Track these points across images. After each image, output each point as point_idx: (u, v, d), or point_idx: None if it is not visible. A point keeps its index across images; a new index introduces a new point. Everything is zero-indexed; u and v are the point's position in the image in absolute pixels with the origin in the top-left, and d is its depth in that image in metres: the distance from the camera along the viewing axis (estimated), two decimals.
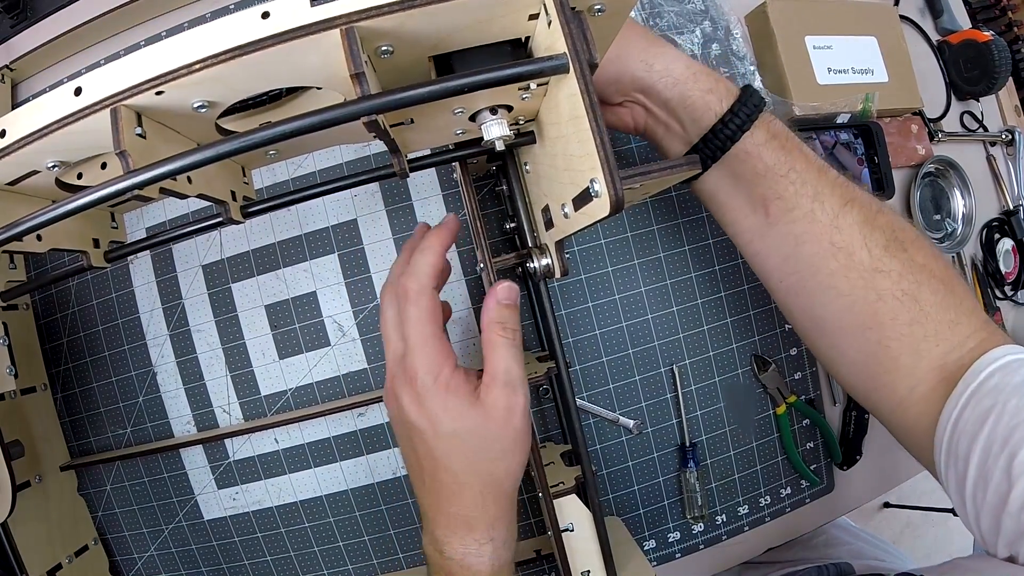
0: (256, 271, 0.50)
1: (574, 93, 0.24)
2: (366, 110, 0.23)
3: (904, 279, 0.37)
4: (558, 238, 0.34)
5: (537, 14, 0.25)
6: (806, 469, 0.54)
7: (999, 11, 0.74)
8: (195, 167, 0.24)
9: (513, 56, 0.28)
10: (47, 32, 0.52)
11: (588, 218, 0.26)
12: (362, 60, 0.23)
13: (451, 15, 0.24)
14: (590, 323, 0.51)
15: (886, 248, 0.37)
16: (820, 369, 0.56)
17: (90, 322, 0.52)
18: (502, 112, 0.29)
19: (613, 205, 0.23)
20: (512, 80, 0.24)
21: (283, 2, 0.23)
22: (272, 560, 0.51)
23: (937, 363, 0.36)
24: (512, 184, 0.40)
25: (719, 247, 0.53)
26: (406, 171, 0.33)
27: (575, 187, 0.27)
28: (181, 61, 0.23)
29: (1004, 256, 0.64)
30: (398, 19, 0.23)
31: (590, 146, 0.23)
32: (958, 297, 0.37)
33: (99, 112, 0.25)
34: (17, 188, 0.31)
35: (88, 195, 0.25)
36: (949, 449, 0.34)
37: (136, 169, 0.24)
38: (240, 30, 0.23)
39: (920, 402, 0.37)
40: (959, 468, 0.33)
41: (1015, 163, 0.67)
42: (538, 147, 0.34)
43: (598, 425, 0.51)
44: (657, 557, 0.53)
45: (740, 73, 0.54)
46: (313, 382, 0.50)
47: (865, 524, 1.58)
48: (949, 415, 0.34)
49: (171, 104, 0.26)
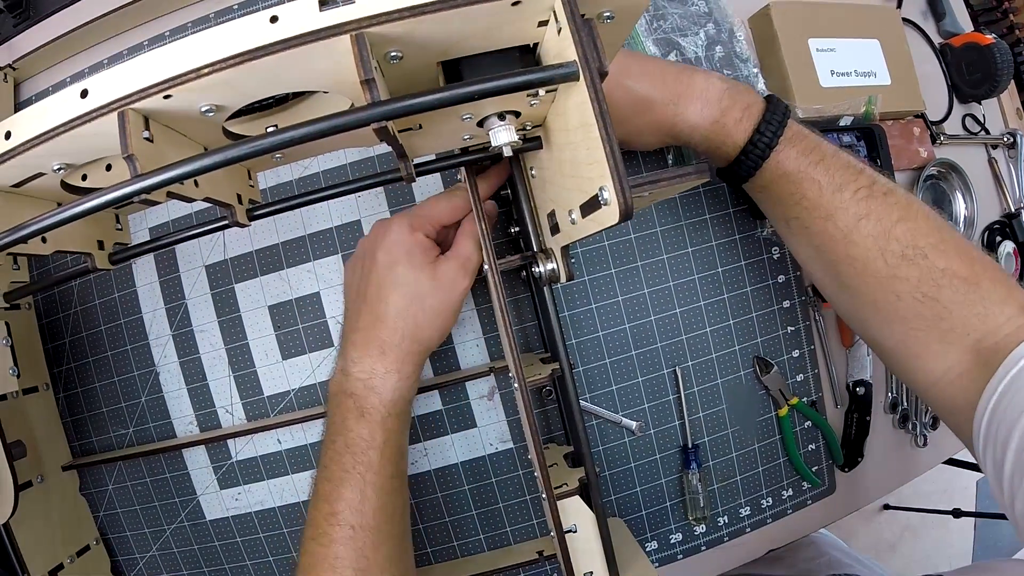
0: (259, 271, 0.50)
1: (584, 101, 0.24)
2: (376, 116, 0.23)
3: (923, 283, 0.38)
4: (564, 243, 0.34)
5: (546, 21, 0.25)
6: (808, 471, 0.54)
7: (1001, 14, 0.74)
8: (203, 172, 0.24)
9: (522, 62, 0.28)
10: (50, 31, 0.52)
11: (596, 225, 0.26)
12: (372, 66, 0.23)
13: (461, 21, 0.24)
14: (593, 325, 0.51)
15: (903, 256, 0.38)
16: (822, 371, 0.56)
17: (93, 322, 0.52)
18: (510, 118, 0.29)
19: (623, 213, 0.23)
20: (522, 88, 0.24)
21: (292, 6, 0.23)
22: (274, 560, 0.51)
23: (970, 348, 0.37)
24: (518, 189, 0.40)
25: (722, 249, 0.53)
26: (413, 176, 0.33)
27: (583, 194, 0.27)
28: (190, 65, 0.23)
29: (1006, 259, 0.64)
30: (408, 25, 0.23)
31: (599, 153, 0.23)
32: (984, 291, 0.37)
33: (107, 115, 0.25)
34: (22, 190, 0.31)
35: (94, 199, 0.25)
36: (987, 433, 0.35)
37: (143, 173, 0.24)
38: (249, 34, 0.23)
39: (956, 382, 0.38)
40: (997, 453, 0.34)
41: (1017, 166, 0.67)
42: (545, 153, 0.34)
43: (601, 427, 0.51)
44: (659, 558, 0.53)
45: (743, 75, 0.54)
46: (316, 383, 0.50)
47: (866, 526, 1.59)
48: (988, 399, 0.35)
49: (179, 108, 0.26)
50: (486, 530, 0.51)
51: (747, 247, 0.53)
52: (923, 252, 0.38)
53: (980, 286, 0.37)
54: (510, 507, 0.51)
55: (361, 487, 0.37)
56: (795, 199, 0.40)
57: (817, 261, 0.43)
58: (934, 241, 0.38)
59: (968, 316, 0.37)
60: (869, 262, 0.39)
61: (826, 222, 0.40)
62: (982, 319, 0.37)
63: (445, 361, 0.51)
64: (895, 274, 0.38)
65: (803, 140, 0.40)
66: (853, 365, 0.56)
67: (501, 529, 0.51)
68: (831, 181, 0.39)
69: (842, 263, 0.40)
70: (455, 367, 0.51)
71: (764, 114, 0.40)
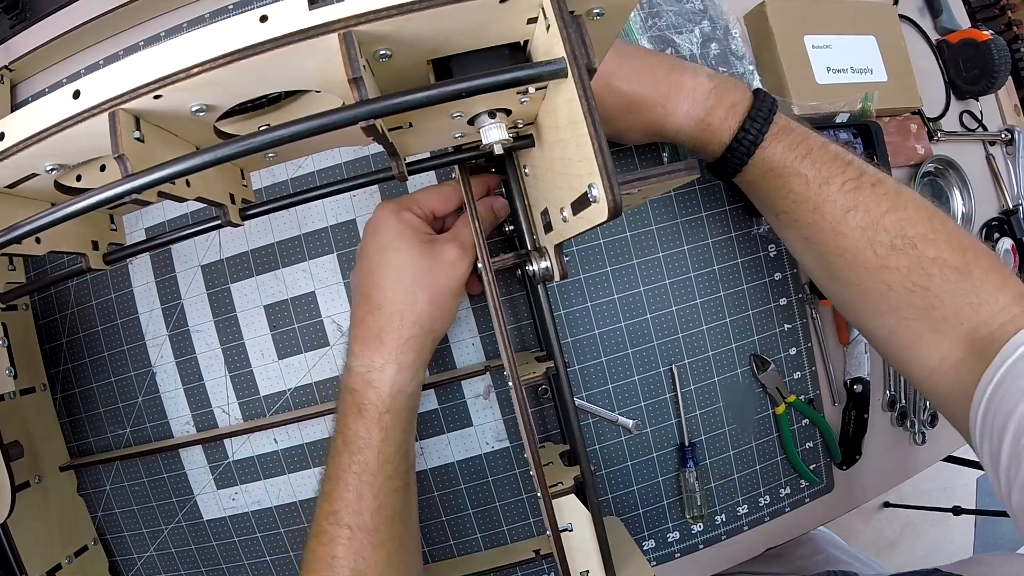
0: (255, 271, 0.50)
1: (572, 98, 0.24)
2: (364, 115, 0.23)
3: (913, 272, 0.38)
4: (557, 241, 0.34)
5: (536, 18, 0.25)
6: (805, 469, 0.54)
7: (998, 10, 0.73)
8: (193, 171, 0.24)
9: (512, 60, 0.28)
10: (46, 32, 0.52)
11: (587, 223, 0.26)
12: (360, 65, 0.23)
13: (450, 19, 0.24)
14: (589, 323, 0.51)
15: (892, 247, 0.38)
16: (819, 369, 0.56)
17: (89, 322, 0.52)
18: (500, 116, 0.29)
19: (611, 211, 0.23)
20: (510, 85, 0.24)
21: (282, 5, 0.23)
22: (272, 560, 0.51)
23: (964, 338, 0.37)
24: (511, 187, 0.40)
25: (718, 247, 0.53)
26: (405, 174, 0.33)
27: (573, 191, 0.27)
28: (179, 65, 0.23)
29: (1004, 255, 0.63)
30: (396, 23, 0.23)
31: (588, 151, 0.23)
32: (976, 280, 0.37)
33: (97, 116, 0.25)
34: (15, 191, 0.31)
35: (86, 199, 0.25)
36: (984, 423, 0.35)
37: (134, 173, 0.24)
38: (238, 34, 0.23)
39: (951, 373, 0.38)
40: (993, 444, 0.34)
41: (1014, 162, 0.67)
42: (537, 150, 0.34)
43: (597, 425, 0.51)
44: (656, 557, 0.53)
45: (739, 73, 0.54)
46: (312, 382, 0.50)
47: (865, 524, 1.58)
48: (984, 389, 0.35)
49: (169, 108, 0.26)
50: (483, 529, 0.51)
51: (743, 244, 0.53)
52: (912, 242, 0.38)
53: (972, 275, 0.37)
54: (506, 506, 0.51)
55: (358, 487, 0.36)
56: (782, 193, 0.41)
57: (808, 253, 0.43)
58: (924, 231, 0.38)
59: (960, 305, 0.37)
60: (859, 253, 0.39)
61: (814, 214, 0.40)
62: (975, 308, 0.37)
63: (441, 360, 0.51)
64: (885, 264, 0.38)
65: (790, 135, 0.40)
66: (850, 362, 0.56)
67: (498, 528, 0.51)
68: (818, 174, 0.40)
69: (832, 254, 0.40)
70: (451, 366, 0.51)
71: (750, 111, 0.40)
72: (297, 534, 0.51)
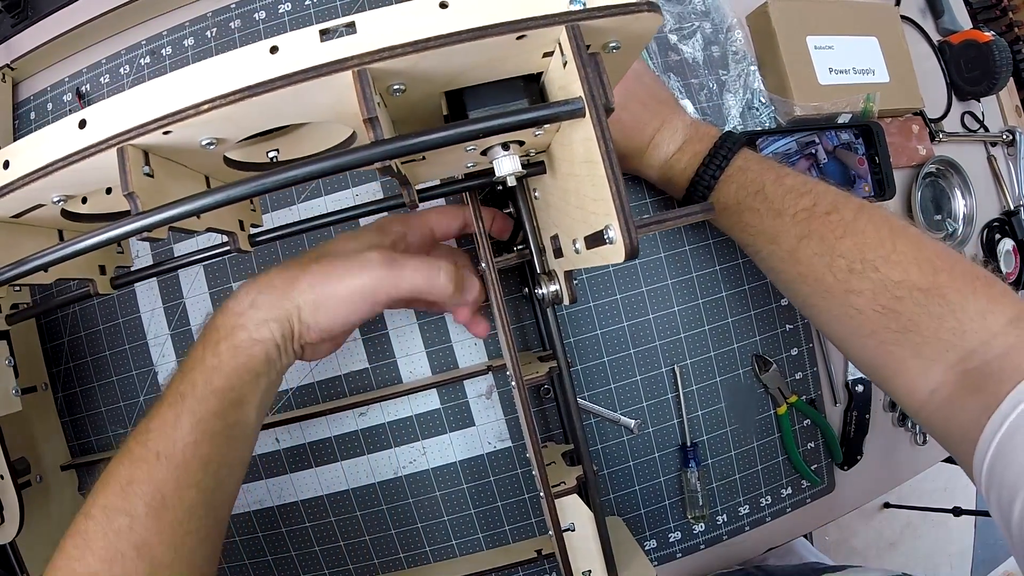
0: (257, 270, 0.50)
1: (589, 137, 0.24)
2: (379, 156, 0.23)
3: (880, 295, 0.37)
4: (568, 268, 0.34)
5: (551, 52, 0.25)
6: (807, 469, 0.54)
7: (1000, 11, 0.74)
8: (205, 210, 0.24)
9: (526, 90, 0.27)
10: (48, 31, 0.52)
11: (601, 259, 0.26)
12: (375, 104, 0.22)
13: (465, 55, 0.23)
14: (591, 323, 0.51)
15: (851, 271, 0.38)
16: (821, 369, 0.56)
17: (91, 321, 0.52)
18: (514, 147, 0.29)
19: (628, 253, 0.23)
20: (527, 125, 0.24)
21: (292, 37, 0.23)
22: (273, 560, 0.51)
23: (953, 368, 0.35)
24: (520, 209, 0.39)
25: (720, 247, 0.53)
26: (416, 202, 0.32)
27: (587, 226, 0.26)
28: (189, 100, 0.23)
29: (1005, 256, 0.64)
30: (411, 60, 0.23)
31: (605, 192, 0.23)
32: (952, 303, 0.35)
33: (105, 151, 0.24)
34: (22, 220, 0.31)
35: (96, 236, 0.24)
36: (991, 472, 0.32)
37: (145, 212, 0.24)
38: (249, 67, 0.23)
39: (945, 406, 0.36)
40: (1003, 496, 0.31)
41: (1016, 163, 0.67)
42: (548, 177, 0.33)
43: (599, 425, 0.51)
44: (658, 557, 0.53)
45: (741, 74, 0.54)
46: (314, 382, 0.50)
47: (866, 524, 1.59)
48: (992, 436, 0.32)
49: (178, 142, 0.25)
50: (484, 529, 0.51)
51: None
52: (872, 265, 0.37)
53: (946, 297, 0.35)
54: (508, 506, 0.51)
55: (178, 409, 0.32)
56: (740, 227, 0.44)
57: (779, 283, 0.45)
58: (884, 253, 0.37)
59: (937, 329, 0.35)
60: (820, 279, 0.39)
61: (771, 244, 0.42)
62: (956, 334, 0.35)
63: (443, 359, 0.51)
64: (848, 288, 0.38)
65: (743, 174, 0.42)
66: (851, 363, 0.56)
67: (500, 528, 0.51)
68: (769, 208, 0.41)
69: (795, 282, 0.42)
70: (453, 365, 0.51)
71: (704, 159, 0.43)
72: (298, 534, 0.51)
